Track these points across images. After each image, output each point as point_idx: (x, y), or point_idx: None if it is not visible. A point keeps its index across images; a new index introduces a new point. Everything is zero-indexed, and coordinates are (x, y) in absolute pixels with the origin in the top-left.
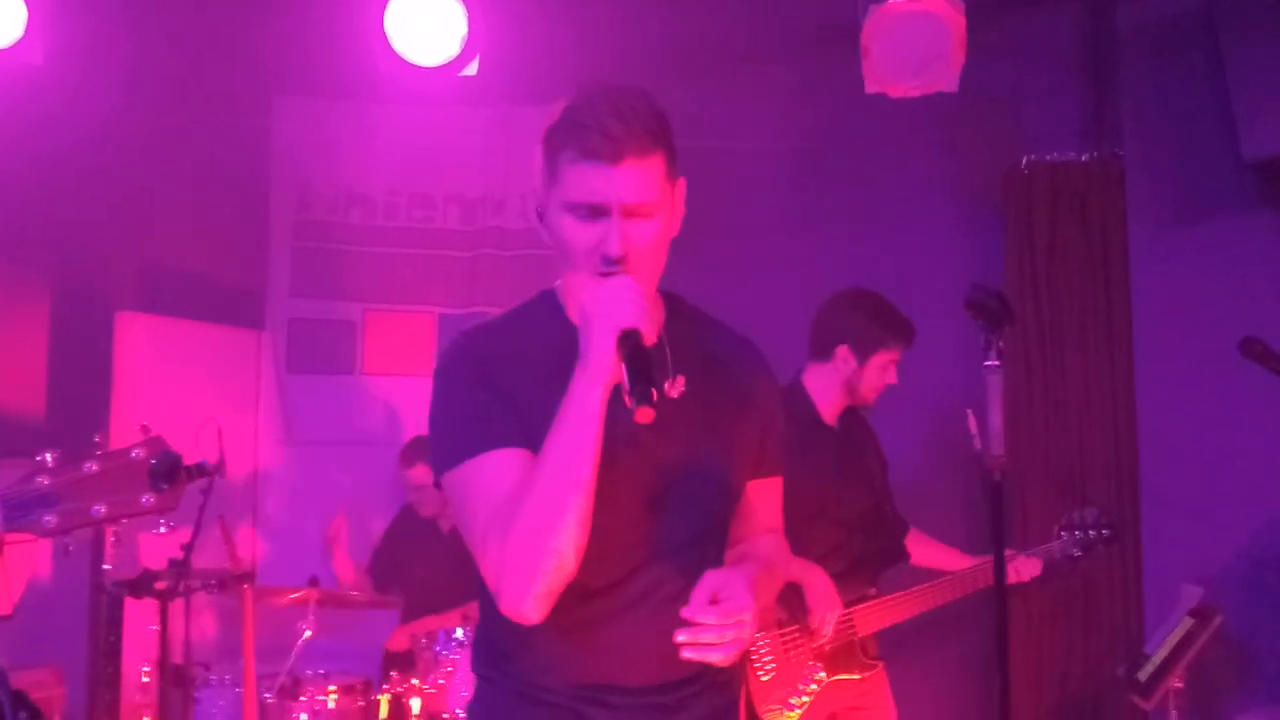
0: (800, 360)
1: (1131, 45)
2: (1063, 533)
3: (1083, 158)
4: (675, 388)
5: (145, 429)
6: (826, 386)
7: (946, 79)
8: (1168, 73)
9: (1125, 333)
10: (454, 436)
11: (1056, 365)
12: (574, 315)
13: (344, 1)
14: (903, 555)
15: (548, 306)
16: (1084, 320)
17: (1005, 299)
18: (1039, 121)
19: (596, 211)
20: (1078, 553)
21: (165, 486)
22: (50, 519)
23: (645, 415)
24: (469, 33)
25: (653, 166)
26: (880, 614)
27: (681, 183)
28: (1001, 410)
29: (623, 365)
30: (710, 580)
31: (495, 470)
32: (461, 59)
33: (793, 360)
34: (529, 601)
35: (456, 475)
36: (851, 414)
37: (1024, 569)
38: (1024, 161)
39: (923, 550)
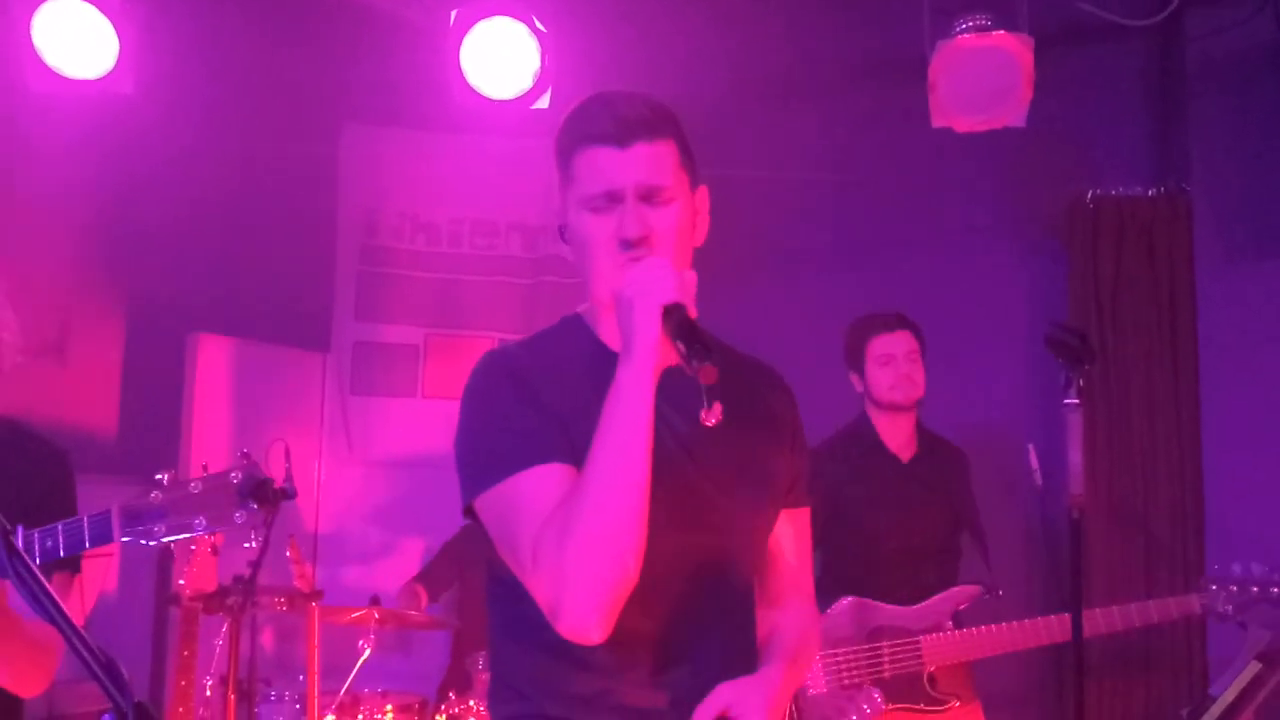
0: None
1: (1199, 79)
2: (1212, 586)
3: (1149, 192)
4: (712, 415)
5: (245, 455)
6: (874, 414)
7: (1014, 114)
8: (1236, 107)
9: (1191, 369)
10: (495, 452)
11: (1121, 401)
12: (604, 334)
13: (418, 35)
14: (989, 592)
15: (575, 329)
16: (1149, 356)
17: (1086, 337)
18: (1105, 155)
19: (612, 198)
20: (1229, 610)
21: (254, 505)
22: (160, 528)
23: (709, 374)
24: (541, 67)
25: (663, 152)
26: (951, 648)
27: (704, 191)
28: (1081, 449)
29: (671, 341)
30: (723, 694)
31: (543, 484)
32: (534, 92)
33: (845, 392)
34: (594, 614)
35: (498, 492)
36: (938, 446)
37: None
38: (1089, 195)
39: None
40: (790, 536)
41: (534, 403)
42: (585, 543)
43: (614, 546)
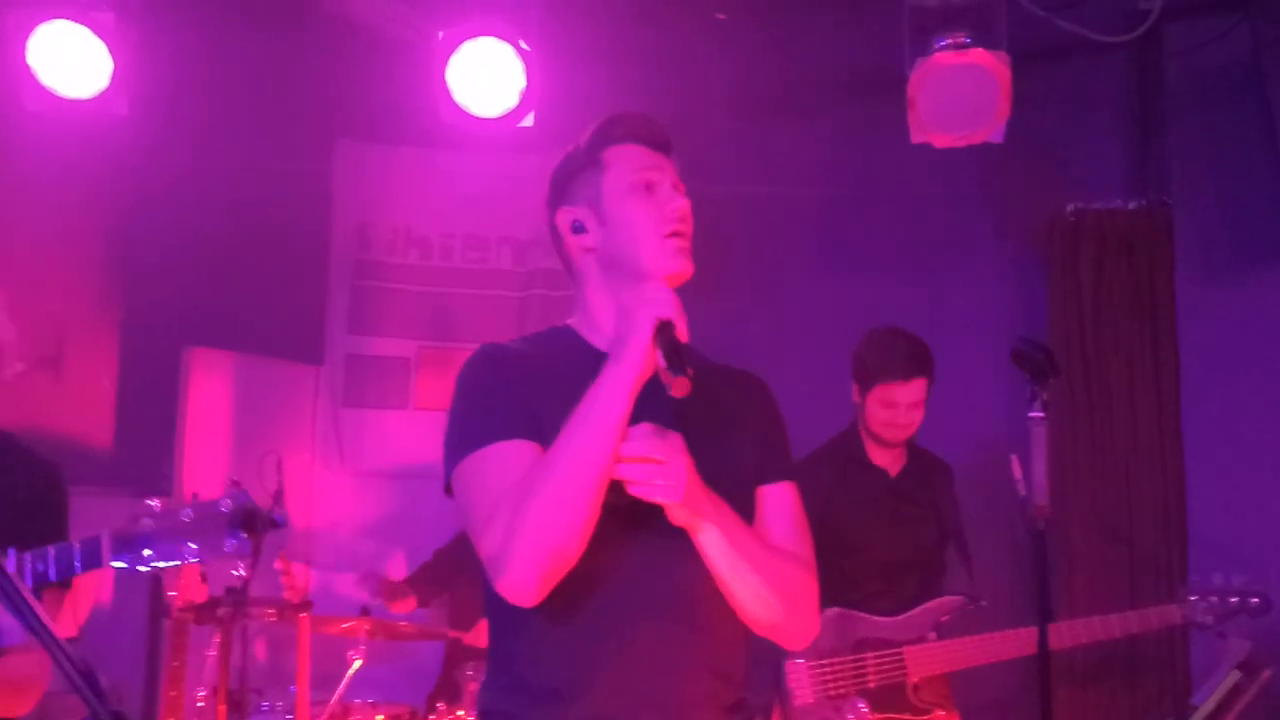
0: (841, 404)
1: (1179, 93)
2: (1192, 596)
3: (1130, 205)
4: (679, 388)
5: (236, 483)
6: (863, 433)
7: (992, 130)
8: (1216, 120)
9: (1173, 381)
10: (468, 429)
11: (1103, 413)
12: (597, 342)
13: (407, 55)
14: (972, 603)
15: (567, 335)
16: (1131, 368)
17: (1050, 352)
18: (1085, 169)
19: (654, 183)
20: (1209, 620)
21: (244, 535)
22: (150, 555)
23: (681, 387)
24: (527, 86)
25: None
26: (934, 659)
27: None
28: (1046, 461)
29: (658, 352)
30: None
31: (507, 458)
32: (519, 111)
33: (830, 404)
34: (533, 577)
35: (467, 463)
36: (923, 460)
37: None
38: (1070, 209)
39: None
40: (772, 514)
41: (510, 388)
42: (539, 513)
43: (564, 524)
